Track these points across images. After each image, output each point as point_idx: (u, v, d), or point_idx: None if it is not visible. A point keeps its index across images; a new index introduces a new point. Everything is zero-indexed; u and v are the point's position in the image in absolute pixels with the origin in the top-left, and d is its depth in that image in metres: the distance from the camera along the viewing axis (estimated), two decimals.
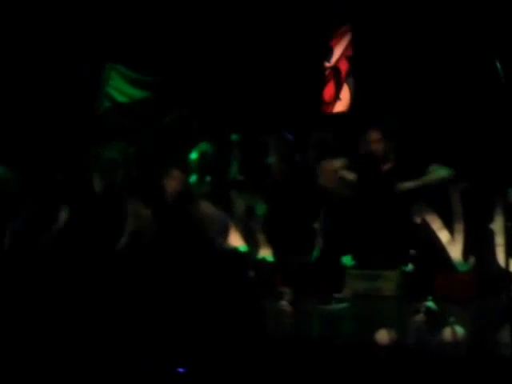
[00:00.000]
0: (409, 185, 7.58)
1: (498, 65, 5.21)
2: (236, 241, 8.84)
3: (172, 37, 8.80)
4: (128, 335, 4.06)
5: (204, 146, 9.17)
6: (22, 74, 8.77)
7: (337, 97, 8.84)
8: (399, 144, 8.32)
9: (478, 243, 7.93)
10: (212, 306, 4.15)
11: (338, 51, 8.88)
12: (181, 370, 3.95)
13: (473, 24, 7.71)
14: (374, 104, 8.34)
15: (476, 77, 7.72)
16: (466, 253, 8.07)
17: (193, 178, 9.12)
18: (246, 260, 6.73)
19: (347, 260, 8.53)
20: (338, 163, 7.47)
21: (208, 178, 9.10)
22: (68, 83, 8.91)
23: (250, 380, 4.03)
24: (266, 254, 8.76)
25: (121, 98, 9.38)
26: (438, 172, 7.66)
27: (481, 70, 7.62)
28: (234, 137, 9.06)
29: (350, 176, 7.65)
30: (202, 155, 9.15)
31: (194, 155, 9.16)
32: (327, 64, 8.77)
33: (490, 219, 7.96)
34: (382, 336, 5.12)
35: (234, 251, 7.60)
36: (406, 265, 8.22)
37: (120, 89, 9.39)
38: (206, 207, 7.00)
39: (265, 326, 4.56)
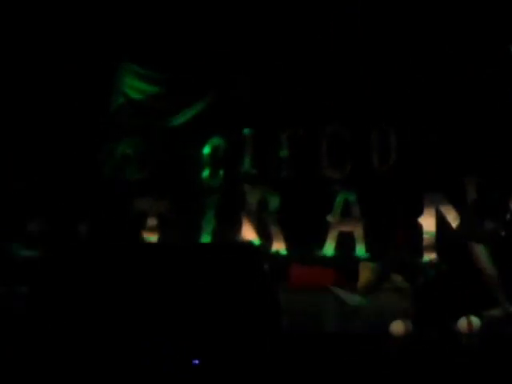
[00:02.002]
0: None
1: None
2: (249, 234, 8.87)
3: (184, 32, 8.79)
4: (142, 327, 4.07)
5: (216, 140, 9.17)
6: (35, 73, 8.78)
7: None
8: (410, 136, 8.33)
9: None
10: (226, 300, 4.14)
11: None
12: (195, 361, 3.95)
13: (486, 13, 7.67)
14: (385, 95, 8.30)
15: (490, 70, 7.67)
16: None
17: (206, 173, 9.14)
18: (261, 253, 6.71)
19: (361, 252, 8.54)
20: None
21: (221, 172, 9.11)
22: (81, 82, 8.93)
23: (264, 374, 4.03)
24: (279, 247, 8.79)
25: (135, 95, 9.40)
26: None
27: (495, 63, 7.58)
28: (246, 131, 9.06)
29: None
30: (215, 149, 9.16)
31: (206, 149, 9.16)
32: None
33: (506, 211, 7.94)
34: (398, 327, 5.11)
35: (248, 244, 7.59)
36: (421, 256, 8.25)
37: (134, 86, 9.40)
38: None
39: (280, 320, 4.55)
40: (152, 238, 8.90)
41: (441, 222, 8.17)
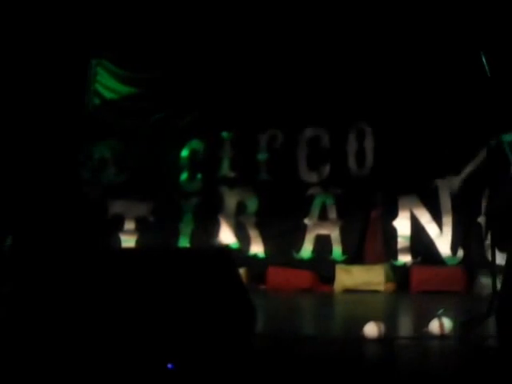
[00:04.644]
0: None
1: (484, 59, 5.23)
2: (227, 237, 8.91)
3: (164, 33, 8.78)
4: (115, 331, 4.11)
5: (195, 143, 9.20)
6: (8, 73, 8.71)
7: None
8: (386, 140, 8.41)
9: (466, 237, 8.03)
10: (200, 304, 4.18)
11: None
12: (170, 366, 3.98)
13: (459, 18, 7.75)
14: (362, 100, 8.38)
15: (461, 76, 7.76)
16: (454, 246, 8.17)
17: (184, 176, 9.17)
18: (234, 257, 6.75)
19: (337, 255, 8.60)
20: None
21: (199, 175, 9.14)
22: (56, 82, 8.88)
23: (239, 377, 4.07)
24: (257, 249, 8.83)
25: (109, 95, 9.39)
26: None
27: (466, 65, 7.66)
28: (224, 134, 9.09)
29: None
30: (193, 152, 9.19)
31: (184, 152, 9.19)
32: None
33: (478, 213, 8.05)
34: (371, 329, 5.14)
35: (223, 248, 7.63)
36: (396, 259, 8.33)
37: (108, 85, 9.39)
38: None
39: (254, 324, 4.59)
40: (129, 241, 8.92)
41: (415, 224, 8.29)
